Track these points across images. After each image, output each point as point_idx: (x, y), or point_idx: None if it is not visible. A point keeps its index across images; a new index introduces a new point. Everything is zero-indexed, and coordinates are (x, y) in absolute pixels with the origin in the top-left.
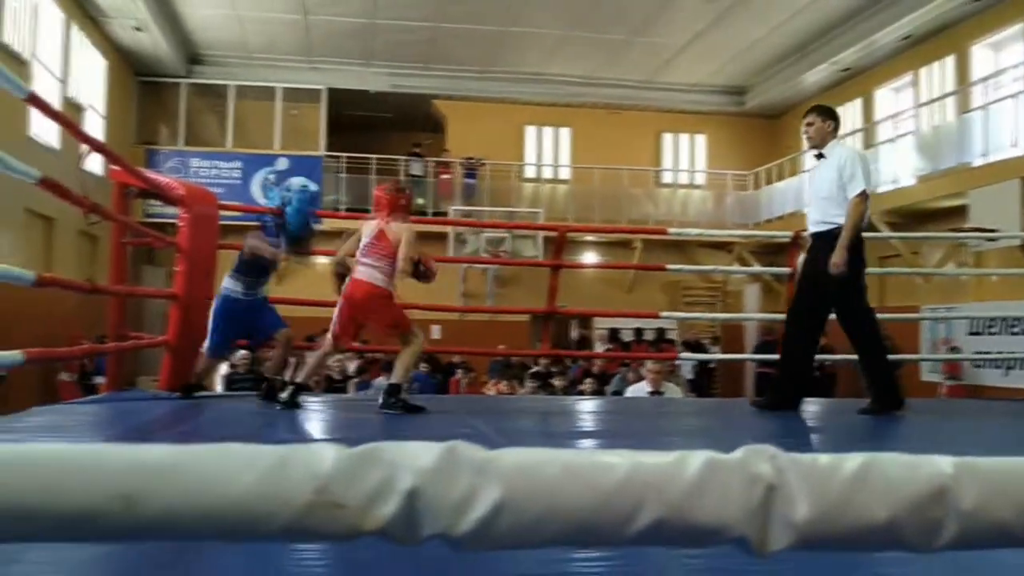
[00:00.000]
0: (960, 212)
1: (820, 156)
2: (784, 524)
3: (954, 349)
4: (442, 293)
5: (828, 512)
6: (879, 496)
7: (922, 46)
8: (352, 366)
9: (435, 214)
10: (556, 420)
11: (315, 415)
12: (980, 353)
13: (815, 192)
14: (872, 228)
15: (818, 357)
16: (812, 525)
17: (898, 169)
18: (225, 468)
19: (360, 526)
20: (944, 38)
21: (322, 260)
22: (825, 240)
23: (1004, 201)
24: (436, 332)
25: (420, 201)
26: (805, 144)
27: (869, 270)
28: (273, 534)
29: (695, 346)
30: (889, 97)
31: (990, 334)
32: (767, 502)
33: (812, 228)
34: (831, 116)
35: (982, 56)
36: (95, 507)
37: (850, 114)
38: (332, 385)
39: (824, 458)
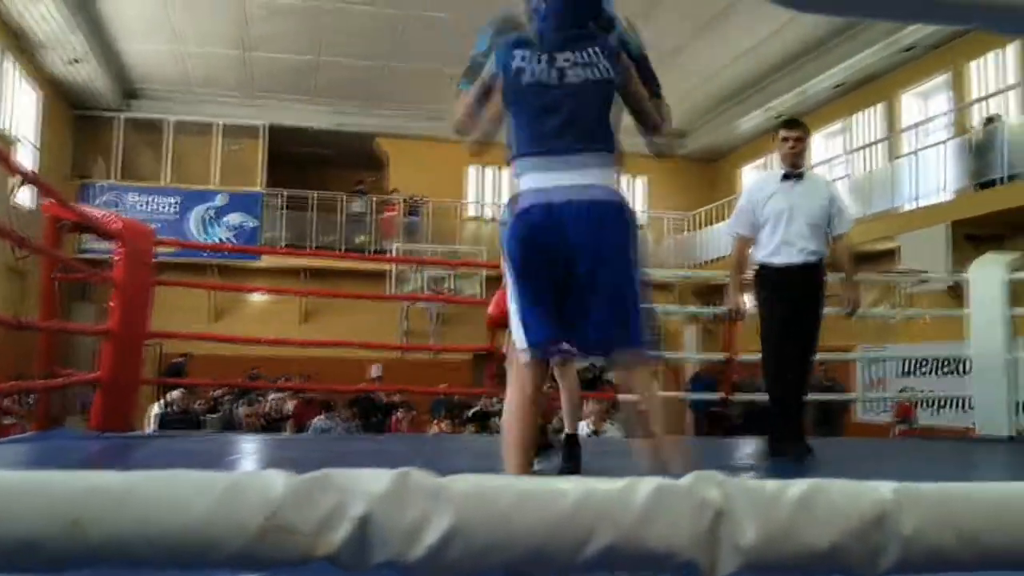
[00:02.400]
0: (891, 255)
1: (797, 176)
2: (732, 549)
3: (904, 390)
4: (383, 331)
5: (774, 537)
6: (823, 521)
7: (853, 94)
8: (289, 406)
9: (376, 252)
10: (496, 459)
11: None
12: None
13: (804, 217)
14: None
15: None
16: (759, 550)
17: None
18: (177, 494)
19: (311, 552)
20: (874, 86)
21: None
22: (816, 272)
23: (933, 245)
24: (376, 371)
25: (361, 239)
26: (779, 162)
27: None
28: (225, 561)
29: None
30: (821, 143)
31: (921, 375)
32: (715, 527)
33: (802, 258)
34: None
35: (911, 104)
36: (42, 534)
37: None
38: (269, 425)
39: (771, 484)
